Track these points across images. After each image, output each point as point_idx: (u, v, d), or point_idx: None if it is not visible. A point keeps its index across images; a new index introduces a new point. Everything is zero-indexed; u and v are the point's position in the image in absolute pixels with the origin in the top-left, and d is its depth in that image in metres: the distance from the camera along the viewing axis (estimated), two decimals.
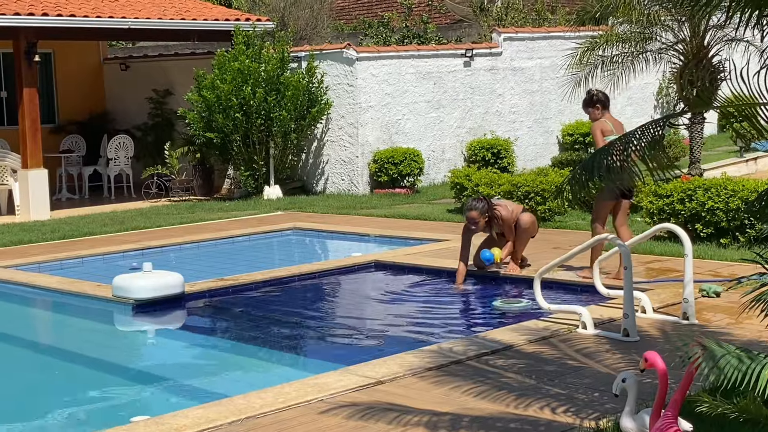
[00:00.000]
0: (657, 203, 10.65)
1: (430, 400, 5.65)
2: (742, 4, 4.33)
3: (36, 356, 8.27)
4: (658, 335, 7.04)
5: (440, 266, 9.87)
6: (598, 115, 9.10)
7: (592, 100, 9.11)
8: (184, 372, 7.34)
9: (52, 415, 6.33)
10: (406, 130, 16.64)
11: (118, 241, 12.16)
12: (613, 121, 9.10)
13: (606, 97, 9.17)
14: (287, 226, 13.20)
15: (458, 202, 13.72)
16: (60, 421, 6.18)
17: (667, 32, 13.71)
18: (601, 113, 9.09)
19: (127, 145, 17.58)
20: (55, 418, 6.26)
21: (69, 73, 19.19)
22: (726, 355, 3.77)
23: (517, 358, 6.51)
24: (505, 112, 17.85)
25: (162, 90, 18.82)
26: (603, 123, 9.04)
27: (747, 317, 6.43)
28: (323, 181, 16.70)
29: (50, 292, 9.67)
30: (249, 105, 15.60)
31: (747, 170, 16.38)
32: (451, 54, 17.28)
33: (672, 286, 8.38)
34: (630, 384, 4.60)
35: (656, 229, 8.31)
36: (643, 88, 19.69)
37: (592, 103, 9.11)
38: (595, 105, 9.10)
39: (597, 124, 9.03)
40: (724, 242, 10.15)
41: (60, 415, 6.33)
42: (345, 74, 16.23)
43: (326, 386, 5.92)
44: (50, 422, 6.18)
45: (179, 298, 8.90)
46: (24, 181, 14.76)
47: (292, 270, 10.08)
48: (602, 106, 9.10)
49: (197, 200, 16.51)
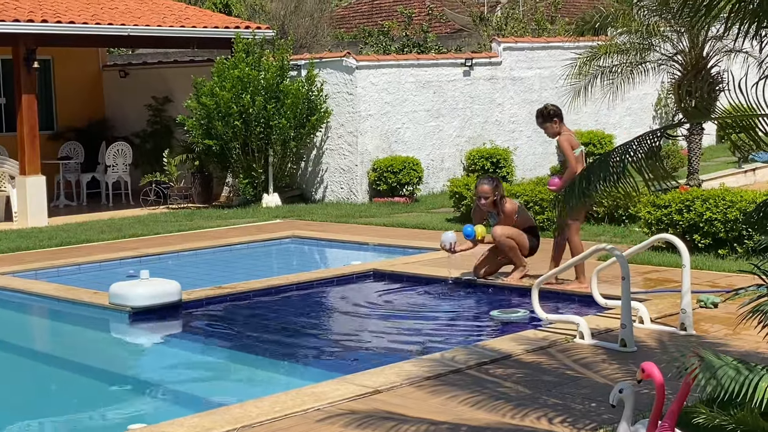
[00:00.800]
0: (655, 213, 10.65)
1: (428, 409, 5.64)
2: (741, 15, 4.34)
3: (32, 363, 8.25)
4: (656, 346, 7.02)
5: (439, 275, 9.86)
6: (557, 128, 9.04)
7: (550, 115, 9.03)
8: (181, 380, 7.33)
9: (47, 422, 6.31)
10: (406, 138, 16.65)
11: (115, 249, 12.15)
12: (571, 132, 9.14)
13: (560, 109, 9.12)
14: (286, 234, 13.19)
15: (457, 211, 13.72)
16: (55, 429, 6.15)
17: (666, 43, 13.74)
18: (559, 126, 9.05)
19: (125, 152, 17.57)
20: (50, 426, 6.24)
21: (68, 80, 19.19)
22: (723, 366, 3.76)
23: (515, 367, 6.50)
24: (504, 121, 17.86)
25: (161, 97, 18.83)
26: (570, 136, 9.03)
27: (745, 328, 6.41)
28: (322, 189, 16.70)
29: (47, 299, 9.65)
30: (248, 113, 15.61)
31: (745, 181, 16.39)
32: (450, 63, 17.30)
33: (670, 296, 8.37)
34: (627, 395, 4.58)
35: (654, 240, 8.31)
36: (641, 99, 19.71)
37: (550, 117, 9.02)
38: (552, 119, 9.02)
39: (564, 138, 8.98)
40: (722, 253, 10.14)
41: (55, 422, 6.31)
42: (345, 83, 16.25)
43: (323, 395, 5.90)
44: (45, 430, 6.16)
45: (176, 305, 8.88)
46: (22, 188, 14.75)
47: (290, 278, 10.07)
48: (559, 119, 9.05)
49: (196, 208, 16.50)
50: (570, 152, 8.92)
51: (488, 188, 9.23)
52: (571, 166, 8.89)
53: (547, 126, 9.08)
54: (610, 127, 19.16)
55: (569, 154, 8.93)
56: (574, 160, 8.90)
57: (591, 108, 18.22)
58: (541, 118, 9.13)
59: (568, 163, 9.01)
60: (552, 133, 9.10)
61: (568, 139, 9.00)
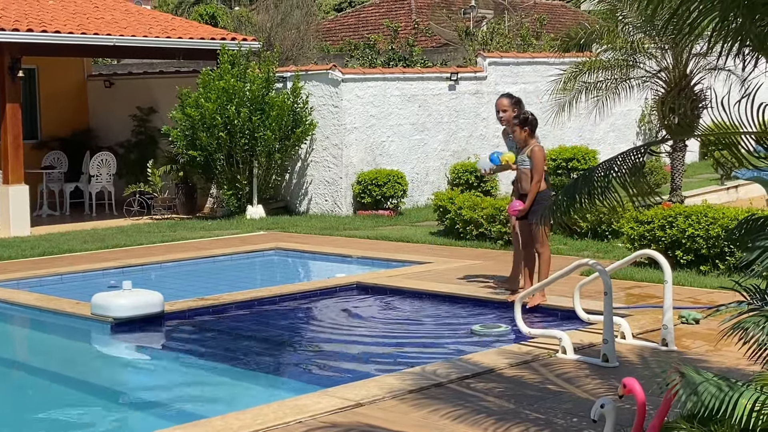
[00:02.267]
0: (638, 229, 10.69)
1: (409, 423, 5.64)
2: (723, 34, 4.37)
3: (12, 373, 8.20)
4: (637, 361, 7.05)
5: (422, 289, 9.87)
6: (524, 135, 8.84)
7: (528, 120, 8.82)
8: (162, 392, 7.29)
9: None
10: (391, 152, 16.68)
11: (98, 259, 12.10)
12: None
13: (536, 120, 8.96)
14: (269, 246, 13.18)
15: (441, 225, 13.74)
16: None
17: (651, 60, 13.82)
18: (528, 137, 8.87)
19: (109, 162, 17.52)
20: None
21: (53, 89, 19.14)
22: (704, 382, 3.78)
23: (498, 381, 6.50)
24: (489, 135, 17.91)
25: (146, 107, 18.80)
26: (544, 152, 8.90)
27: (726, 344, 6.45)
28: (306, 201, 16.70)
29: (29, 309, 9.60)
30: (233, 124, 15.60)
31: (728, 198, 16.48)
32: (436, 77, 17.35)
33: (652, 312, 8.40)
34: (608, 410, 4.60)
35: (636, 255, 8.34)
36: (625, 115, 19.82)
37: (528, 123, 8.83)
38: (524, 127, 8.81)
39: (540, 150, 8.82)
40: (704, 269, 10.19)
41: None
42: (330, 95, 16.27)
43: (305, 408, 5.89)
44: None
45: (159, 317, 8.85)
46: (4, 197, 14.68)
47: (273, 290, 10.05)
48: (531, 131, 8.90)
49: (179, 219, 16.46)
50: (542, 167, 8.85)
51: (506, 102, 8.93)
52: (536, 180, 8.82)
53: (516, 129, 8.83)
54: (594, 143, 19.25)
55: (540, 168, 8.85)
56: (539, 171, 8.83)
57: (575, 123, 18.32)
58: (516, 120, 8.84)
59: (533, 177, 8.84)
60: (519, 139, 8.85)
61: (541, 150, 8.84)
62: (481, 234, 12.82)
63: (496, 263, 11.23)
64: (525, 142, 8.91)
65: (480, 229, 12.81)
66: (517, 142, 9.02)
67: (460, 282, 10.08)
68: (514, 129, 8.94)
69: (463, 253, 12.06)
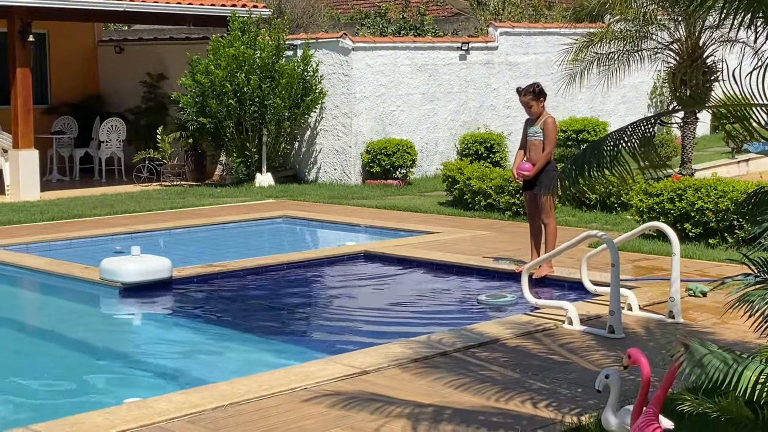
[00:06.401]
0: (647, 202, 10.67)
1: (414, 391, 5.66)
2: (735, 5, 4.33)
3: (21, 336, 8.25)
4: (644, 333, 7.05)
5: (430, 258, 9.88)
6: (542, 108, 8.89)
7: (539, 93, 8.83)
8: (169, 357, 7.34)
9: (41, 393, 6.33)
10: (400, 121, 16.63)
11: (107, 224, 12.14)
12: None
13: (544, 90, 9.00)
14: (278, 214, 13.19)
15: (450, 195, 13.72)
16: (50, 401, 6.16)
17: (663, 32, 13.73)
18: (543, 107, 8.92)
19: (119, 128, 17.52)
20: (45, 397, 6.26)
21: (63, 54, 19.09)
22: (708, 354, 3.78)
23: (503, 351, 6.52)
24: (499, 106, 17.85)
25: (156, 74, 18.75)
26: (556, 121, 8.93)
27: (732, 318, 6.45)
28: (315, 170, 16.69)
29: (38, 273, 9.65)
30: (243, 92, 15.56)
31: (738, 171, 16.41)
32: (447, 47, 17.26)
33: (659, 284, 8.40)
34: (613, 380, 4.61)
35: (645, 227, 8.33)
36: (637, 87, 19.70)
37: (539, 95, 8.84)
38: (540, 98, 8.84)
39: (553, 121, 8.87)
40: (712, 242, 10.17)
41: (49, 393, 6.33)
42: (340, 64, 16.21)
43: (311, 375, 5.92)
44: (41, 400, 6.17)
45: (167, 282, 8.89)
46: (15, 161, 14.71)
47: (281, 258, 10.07)
48: (544, 99, 8.92)
49: (188, 186, 16.47)
50: (554, 137, 8.89)
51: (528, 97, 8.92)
52: (548, 150, 8.86)
53: (533, 104, 8.88)
54: (604, 115, 19.17)
55: (553, 139, 8.88)
56: (552, 144, 8.86)
57: (586, 95, 18.22)
58: (531, 95, 8.88)
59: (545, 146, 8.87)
60: (536, 112, 8.92)
61: (554, 121, 8.93)
62: (489, 205, 12.81)
63: (504, 234, 11.23)
64: (540, 114, 8.93)
65: (488, 199, 12.79)
66: (531, 115, 9.03)
67: (467, 252, 10.07)
68: (531, 104, 8.94)
69: (472, 224, 12.05)
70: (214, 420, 5.21)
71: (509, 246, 10.34)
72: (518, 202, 12.12)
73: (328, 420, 5.20)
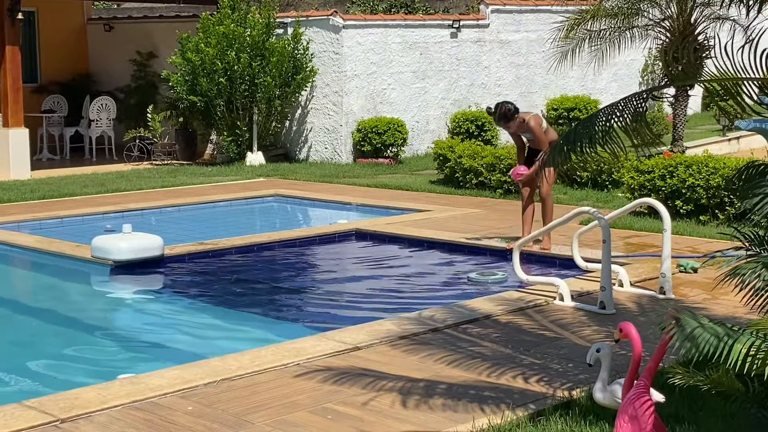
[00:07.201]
0: (638, 179, 10.69)
1: (406, 366, 5.68)
2: None
3: (12, 314, 8.24)
4: (635, 309, 7.08)
5: (420, 236, 9.88)
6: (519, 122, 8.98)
7: (511, 113, 8.93)
8: (161, 333, 7.34)
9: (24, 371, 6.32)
10: (391, 99, 16.60)
11: (98, 203, 12.11)
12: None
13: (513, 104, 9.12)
14: (269, 192, 13.17)
15: (441, 173, 13.72)
16: (33, 378, 6.16)
17: (655, 8, 13.70)
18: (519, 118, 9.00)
19: (109, 107, 17.45)
20: (28, 377, 6.25)
21: (52, 33, 18.98)
22: (699, 327, 3.79)
23: (494, 327, 6.54)
24: (490, 84, 17.82)
25: (146, 52, 18.66)
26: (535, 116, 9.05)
27: (723, 293, 6.48)
28: (306, 148, 16.65)
29: (29, 251, 9.64)
30: (233, 70, 15.50)
31: (729, 149, 16.44)
32: (438, 25, 17.21)
33: (650, 261, 8.42)
34: (604, 354, 4.62)
35: (636, 204, 8.34)
36: (628, 65, 19.68)
37: (512, 115, 8.94)
38: (514, 117, 8.96)
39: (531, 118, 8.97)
40: (703, 219, 10.20)
41: (34, 373, 6.32)
42: (331, 42, 16.15)
43: (303, 351, 5.93)
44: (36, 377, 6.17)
45: (158, 260, 8.88)
46: (4, 140, 14.64)
47: (272, 236, 10.07)
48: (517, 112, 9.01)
49: (179, 164, 16.43)
50: (540, 131, 8.98)
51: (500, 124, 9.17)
52: (543, 142, 8.95)
53: (510, 125, 9.04)
54: (596, 93, 19.14)
55: (540, 134, 8.97)
56: (545, 137, 8.96)
57: (577, 73, 18.19)
58: (503, 120, 9.01)
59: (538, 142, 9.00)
60: (517, 127, 9.05)
61: (534, 119, 9.01)
62: (480, 183, 12.81)
63: (495, 212, 11.24)
64: (520, 124, 9.01)
65: (480, 177, 12.80)
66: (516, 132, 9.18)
67: (458, 230, 10.08)
68: (508, 126, 9.06)
69: (463, 202, 12.06)
70: (207, 395, 5.22)
71: (500, 224, 10.35)
72: (509, 180, 12.12)
73: (319, 395, 5.21)
